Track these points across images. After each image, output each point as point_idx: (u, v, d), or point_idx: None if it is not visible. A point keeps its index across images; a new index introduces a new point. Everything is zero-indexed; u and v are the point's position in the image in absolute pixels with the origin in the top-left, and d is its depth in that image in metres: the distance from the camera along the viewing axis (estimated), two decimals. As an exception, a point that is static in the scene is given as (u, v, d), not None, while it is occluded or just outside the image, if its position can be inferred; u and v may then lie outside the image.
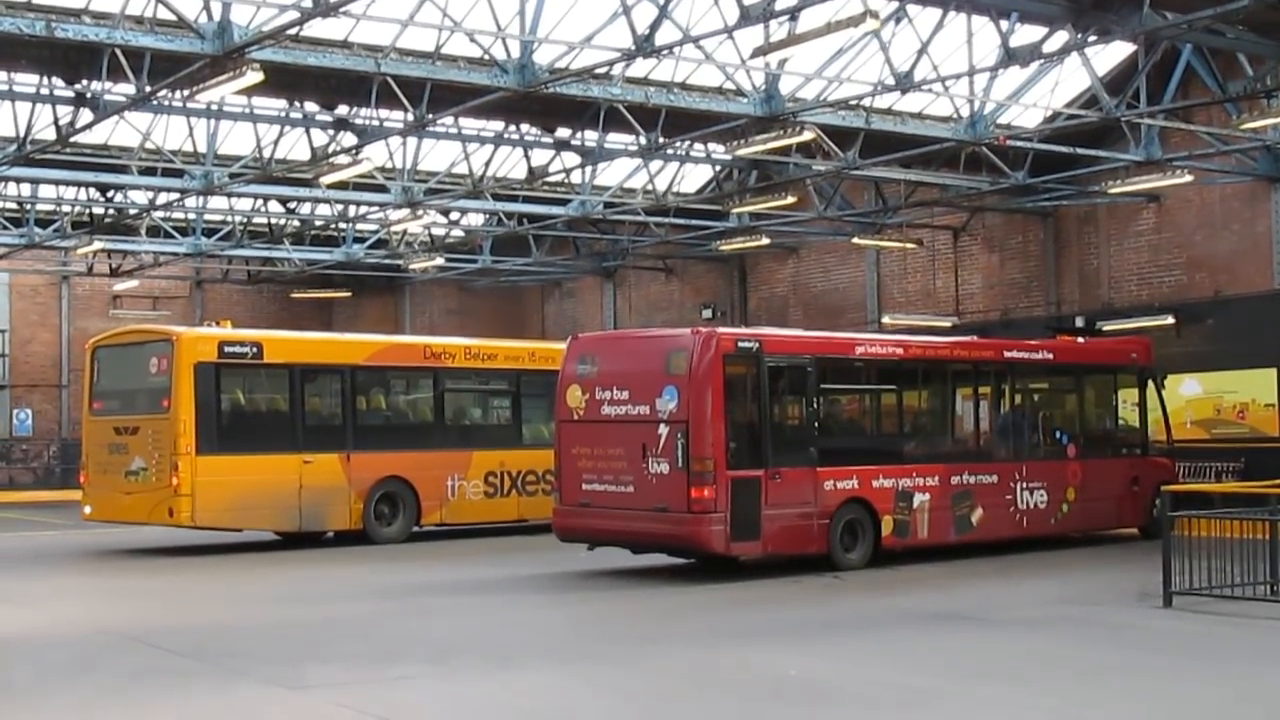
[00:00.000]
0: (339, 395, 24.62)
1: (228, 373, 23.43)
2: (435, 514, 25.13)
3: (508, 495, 25.95)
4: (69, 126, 22.76)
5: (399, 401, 26.48)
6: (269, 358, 23.84)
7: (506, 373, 26.66)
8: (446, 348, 26.30)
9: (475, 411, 27.32)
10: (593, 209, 32.33)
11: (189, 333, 23.97)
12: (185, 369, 22.64)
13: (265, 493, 23.06)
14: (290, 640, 14.06)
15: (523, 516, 26.05)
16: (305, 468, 23.46)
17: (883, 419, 22.05)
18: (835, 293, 36.80)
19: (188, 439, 22.40)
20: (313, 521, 23.75)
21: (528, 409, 26.93)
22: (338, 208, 34.45)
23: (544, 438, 26.37)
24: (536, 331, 44.33)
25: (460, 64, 21.49)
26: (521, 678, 11.92)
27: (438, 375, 25.68)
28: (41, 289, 45.64)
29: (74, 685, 11.51)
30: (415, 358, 25.84)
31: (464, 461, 25.44)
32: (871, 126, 24.95)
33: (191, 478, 22.33)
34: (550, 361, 26.41)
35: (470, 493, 25.47)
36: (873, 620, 15.38)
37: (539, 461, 25.57)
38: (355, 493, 23.97)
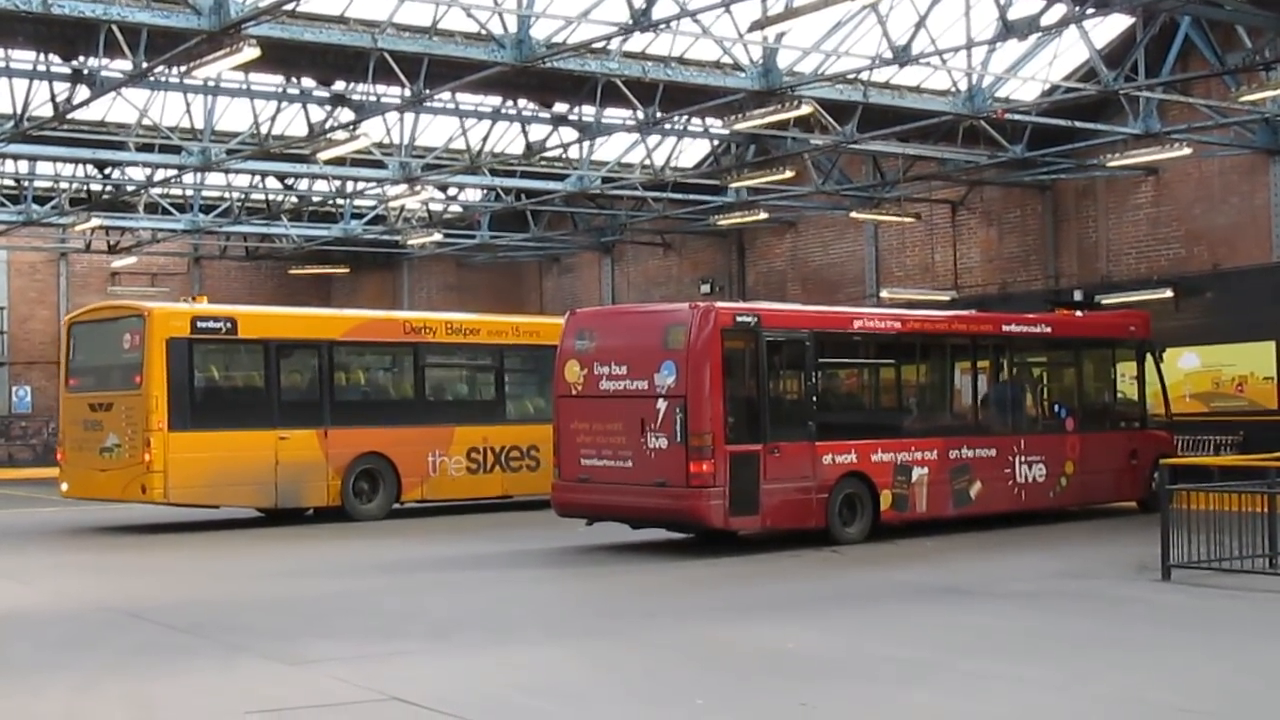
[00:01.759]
0: (316, 371, 24.40)
1: (201, 348, 23.27)
2: (416, 490, 25.01)
3: (491, 471, 25.80)
4: (66, 103, 22.71)
5: (378, 377, 26.41)
6: (244, 333, 23.71)
7: (490, 348, 26.48)
8: (427, 322, 26.21)
9: (457, 387, 27.17)
10: (591, 184, 32.29)
11: (161, 308, 23.77)
12: (157, 344, 22.46)
13: (240, 469, 22.90)
14: (289, 615, 14.09)
15: (507, 493, 26.02)
16: (281, 444, 23.32)
17: (881, 393, 22.09)
18: (833, 267, 36.78)
19: (159, 415, 22.24)
20: (289, 498, 23.62)
21: (512, 384, 26.91)
22: (335, 184, 34.42)
23: (529, 413, 26.49)
24: (535, 307, 44.33)
25: (457, 39, 21.45)
26: (521, 652, 11.96)
27: (418, 350, 25.50)
28: (40, 266, 45.61)
29: (75, 661, 11.54)
30: (394, 333, 25.69)
31: (446, 437, 25.27)
32: (869, 100, 24.92)
33: (164, 454, 22.17)
34: (534, 336, 26.61)
35: (452, 469, 25.32)
36: (871, 594, 15.42)
37: (523, 437, 25.74)
38: (333, 469, 23.84)
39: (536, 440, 25.45)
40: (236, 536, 22.38)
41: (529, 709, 9.79)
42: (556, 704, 9.94)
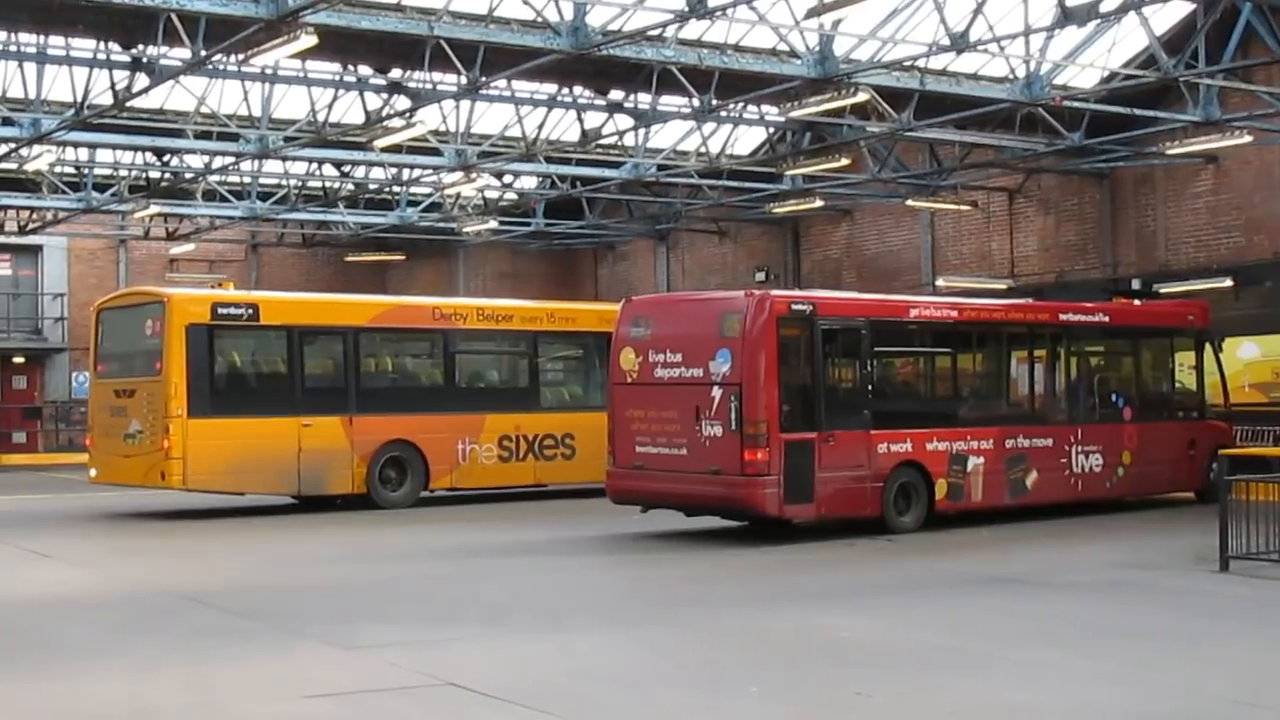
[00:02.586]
0: (340, 357, 24.28)
1: (222, 334, 23.22)
2: (445, 479, 24.78)
3: (523, 460, 25.53)
4: (125, 91, 22.85)
5: (406, 363, 26.25)
6: (266, 319, 23.62)
7: (523, 334, 26.14)
8: (457, 309, 26.01)
9: (488, 374, 27.00)
10: (646, 172, 32.25)
11: (181, 294, 23.80)
12: (177, 331, 22.43)
13: (262, 456, 22.83)
14: (344, 600, 14.18)
15: (540, 481, 25.79)
16: (304, 431, 23.20)
17: (937, 382, 21.99)
18: (889, 255, 36.65)
19: (179, 402, 22.23)
20: (312, 485, 23.51)
21: (547, 371, 26.68)
22: (392, 171, 34.51)
23: (565, 400, 26.42)
24: (590, 294, 44.35)
25: (513, 26, 21.48)
26: (575, 639, 11.99)
27: (448, 337, 25.25)
28: (99, 253, 45.93)
29: (134, 644, 11.65)
30: (423, 319, 25.46)
31: (476, 425, 25.02)
32: (926, 88, 24.80)
33: (183, 441, 22.16)
34: (570, 322, 26.53)
35: (483, 457, 25.09)
36: (926, 583, 15.38)
37: (558, 425, 25.59)
38: (358, 456, 23.68)
39: (572, 428, 25.51)
40: (279, 523, 22.45)
41: (584, 695, 9.81)
42: (611, 690, 9.97)
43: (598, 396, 26.03)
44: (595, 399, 26.07)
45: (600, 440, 24.48)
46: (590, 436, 25.01)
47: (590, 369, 27.10)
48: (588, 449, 25.09)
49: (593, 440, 24.85)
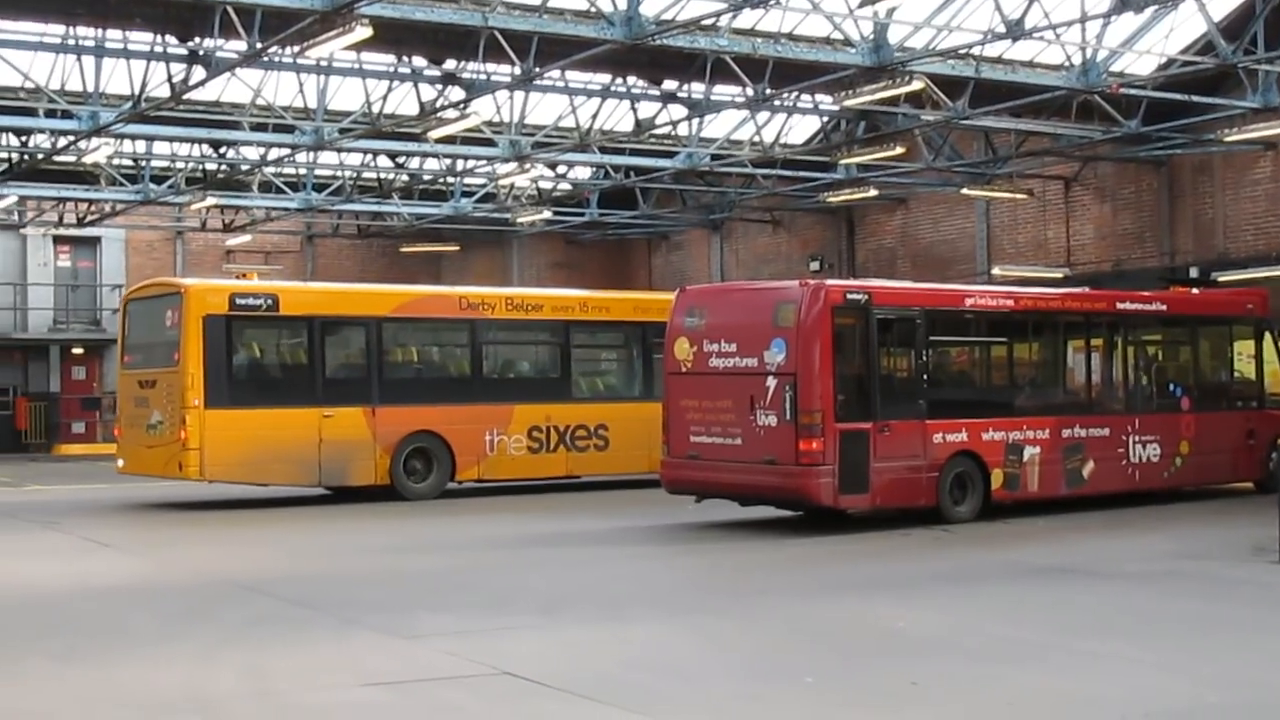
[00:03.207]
0: (363, 348, 24.09)
1: (240, 325, 23.11)
2: (472, 470, 24.53)
3: (555, 451, 25.19)
4: (182, 84, 23.03)
5: (431, 354, 25.99)
6: (286, 310, 23.43)
7: (554, 324, 25.79)
8: (485, 298, 25.52)
9: (518, 364, 26.68)
10: (700, 161, 32.25)
11: (198, 285, 23.78)
12: (194, 322, 22.35)
13: (280, 447, 22.71)
14: (399, 590, 14.24)
15: (572, 473, 25.53)
16: (325, 422, 23.04)
17: (993, 371, 21.88)
18: (944, 244, 36.49)
19: (195, 393, 22.15)
20: (333, 476, 23.38)
21: (579, 361, 26.34)
22: (446, 162, 34.62)
23: (598, 391, 26.22)
24: (644, 284, 44.34)
25: (567, 17, 21.51)
26: (629, 628, 12.01)
27: (475, 326, 24.91)
28: (157, 245, 46.27)
29: (192, 632, 11.73)
30: (449, 309, 25.15)
31: (504, 415, 24.73)
32: (981, 75, 24.69)
33: (200, 432, 22.09)
34: (604, 312, 26.31)
35: (511, 448, 24.76)
36: (982, 573, 15.32)
37: (591, 416, 25.34)
38: (381, 448, 23.48)
39: (605, 419, 25.35)
40: (320, 513, 22.46)
41: (638, 685, 9.82)
42: (666, 680, 9.97)
43: (633, 386, 26.24)
44: (630, 389, 26.23)
45: (635, 431, 24.73)
46: (625, 427, 25.19)
47: (625, 359, 26.99)
48: (622, 440, 25.14)
49: (627, 431, 25.15)
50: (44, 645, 11.25)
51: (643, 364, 26.19)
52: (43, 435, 42.77)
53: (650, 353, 25.62)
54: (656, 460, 24.67)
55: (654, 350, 25.47)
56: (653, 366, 25.57)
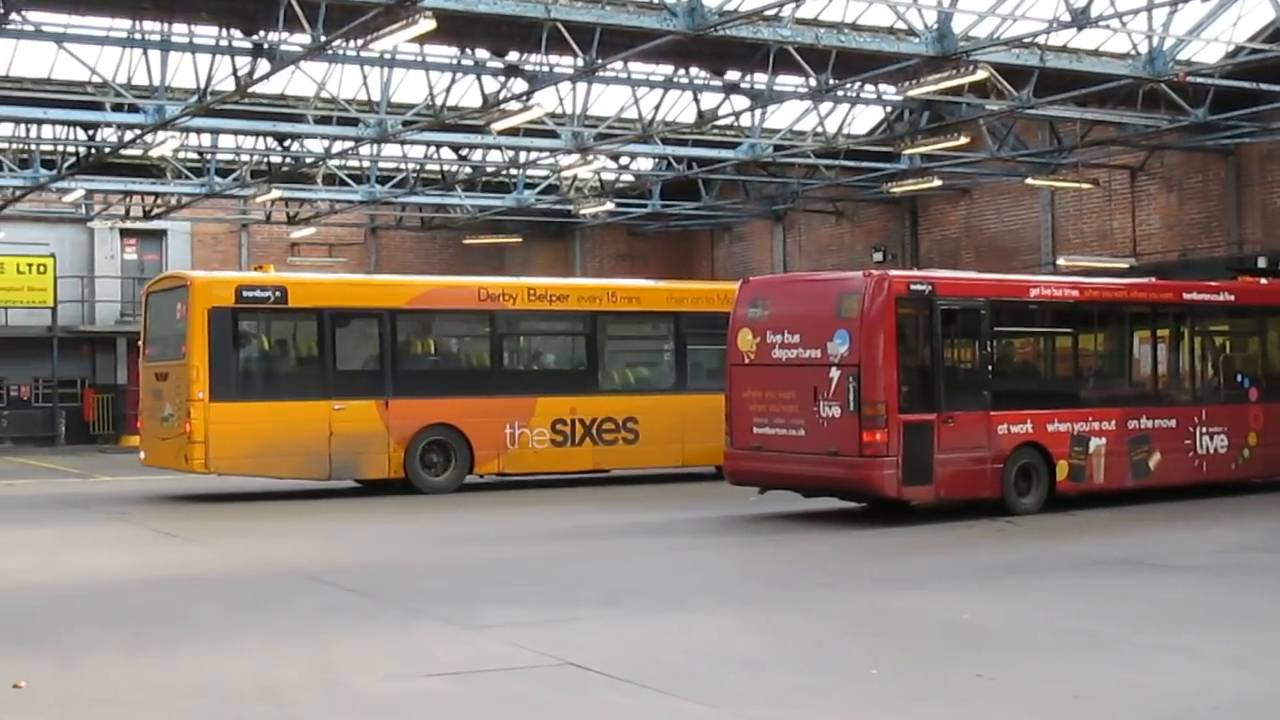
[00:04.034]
0: (376, 340, 23.91)
1: (247, 318, 23.12)
2: (492, 463, 24.19)
3: (580, 444, 24.76)
4: (247, 77, 23.17)
5: (448, 346, 25.85)
6: (295, 302, 23.28)
7: (580, 314, 25.36)
8: (506, 289, 25.07)
9: (541, 355, 26.34)
10: (762, 152, 32.19)
11: (204, 277, 23.89)
12: (199, 314, 22.34)
13: (289, 440, 22.62)
14: (463, 580, 14.29)
15: (599, 466, 25.12)
16: (336, 414, 22.91)
17: (1058, 362, 21.72)
18: (1009, 234, 36.28)
19: (200, 385, 22.14)
20: (345, 470, 23.27)
21: (606, 352, 25.88)
22: (509, 154, 34.71)
23: (628, 382, 25.90)
24: (706, 275, 44.34)
25: (629, 8, 21.50)
26: (693, 619, 12.01)
27: (495, 318, 24.54)
28: (222, 237, 46.60)
29: (260, 622, 11.83)
30: (468, 300, 24.80)
31: (526, 408, 24.37)
32: (1046, 65, 24.51)
33: (205, 425, 22.06)
34: (633, 302, 25.92)
35: (534, 441, 24.38)
36: (1047, 565, 15.24)
37: (619, 408, 24.97)
38: (395, 440, 23.30)
39: (635, 411, 25.00)
40: (375, 505, 22.37)
41: (702, 675, 9.83)
42: (730, 671, 9.97)
43: (665, 378, 25.89)
44: (662, 381, 25.90)
45: (667, 424, 24.62)
46: (655, 420, 24.86)
47: (656, 350, 26.60)
48: (652, 433, 24.84)
49: (657, 424, 24.85)
50: (113, 634, 11.38)
51: (675, 355, 25.85)
52: (110, 427, 43.17)
53: (684, 344, 25.52)
54: (690, 454, 24.89)
55: (688, 341, 25.53)
56: (686, 358, 25.55)
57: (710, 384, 25.47)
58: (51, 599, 13.27)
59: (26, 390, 43.46)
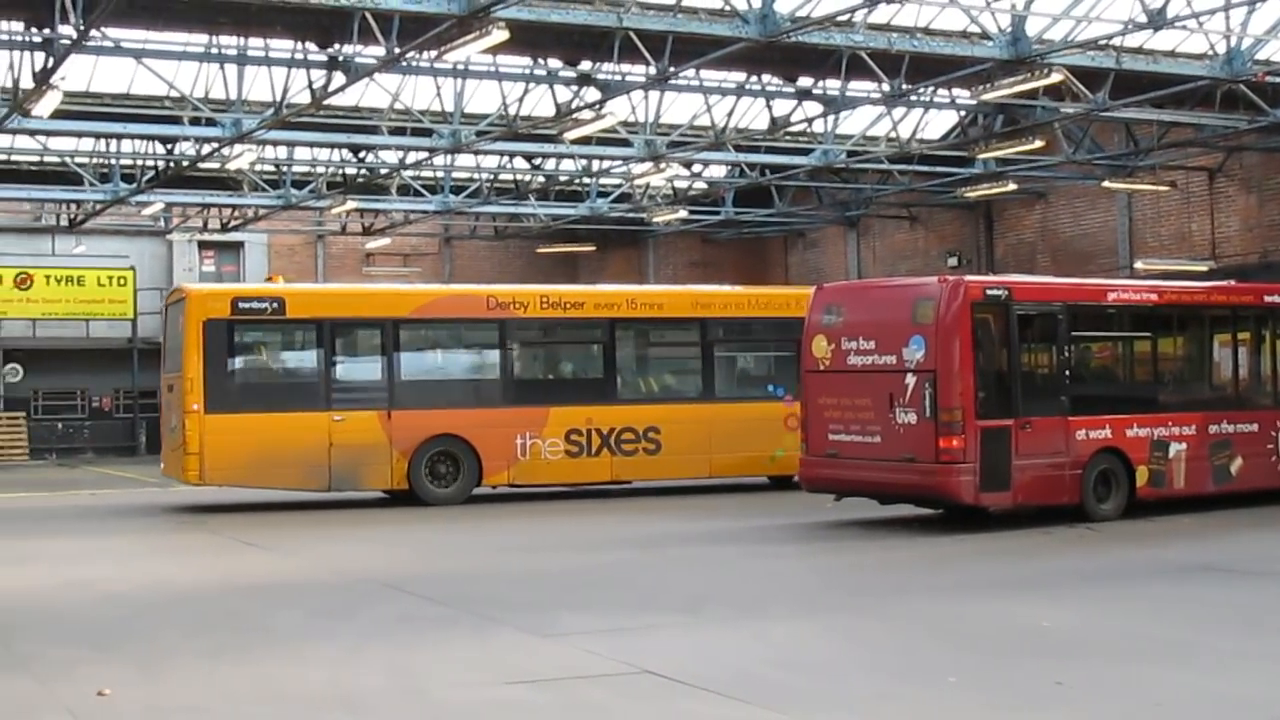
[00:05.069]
0: (378, 350, 23.72)
1: (243, 329, 23.06)
2: (501, 474, 23.78)
3: (597, 455, 24.15)
4: (322, 90, 23.33)
5: (455, 356, 25.57)
6: (293, 313, 23.23)
7: (597, 322, 24.73)
8: (517, 297, 24.57)
9: (555, 365, 25.72)
10: (835, 158, 32.11)
11: (199, 290, 23.91)
12: (194, 326, 22.34)
13: (286, 451, 22.50)
14: (539, 588, 14.34)
15: (618, 478, 24.53)
16: (335, 426, 22.75)
17: (1136, 367, 21.54)
18: (1085, 238, 35.99)
19: (195, 397, 22.12)
20: (345, 481, 23.01)
21: (626, 360, 25.43)
22: (581, 163, 34.77)
23: (650, 391, 25.38)
24: (780, 282, 44.24)
25: (701, 16, 21.49)
26: (771, 627, 11.99)
27: (504, 326, 24.08)
28: (298, 248, 47.01)
29: (338, 630, 11.90)
30: (476, 309, 24.40)
31: (538, 418, 23.87)
32: (1122, 66, 24.30)
33: (199, 436, 22.05)
34: (656, 309, 25.45)
35: (546, 452, 23.88)
36: (1127, 572, 15.11)
37: (639, 418, 24.40)
38: (398, 452, 23.07)
39: (656, 421, 24.36)
40: (448, 514, 22.32)
41: (780, 684, 9.81)
42: (808, 679, 9.95)
43: (690, 387, 25.37)
44: (687, 390, 25.40)
45: (692, 434, 24.24)
46: (680, 430, 24.35)
47: (681, 358, 26.14)
48: (676, 443, 24.31)
49: (682, 434, 24.35)
50: (194, 642, 11.49)
51: (703, 363, 25.22)
52: (190, 437, 43.49)
53: (711, 351, 25.13)
54: (717, 465, 24.60)
55: (715, 348, 25.17)
56: (714, 365, 25.14)
57: (740, 392, 25.53)
58: (133, 607, 13.42)
59: (108, 401, 43.98)
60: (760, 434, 24.50)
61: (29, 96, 22.25)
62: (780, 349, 25.58)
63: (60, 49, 21.00)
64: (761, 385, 25.92)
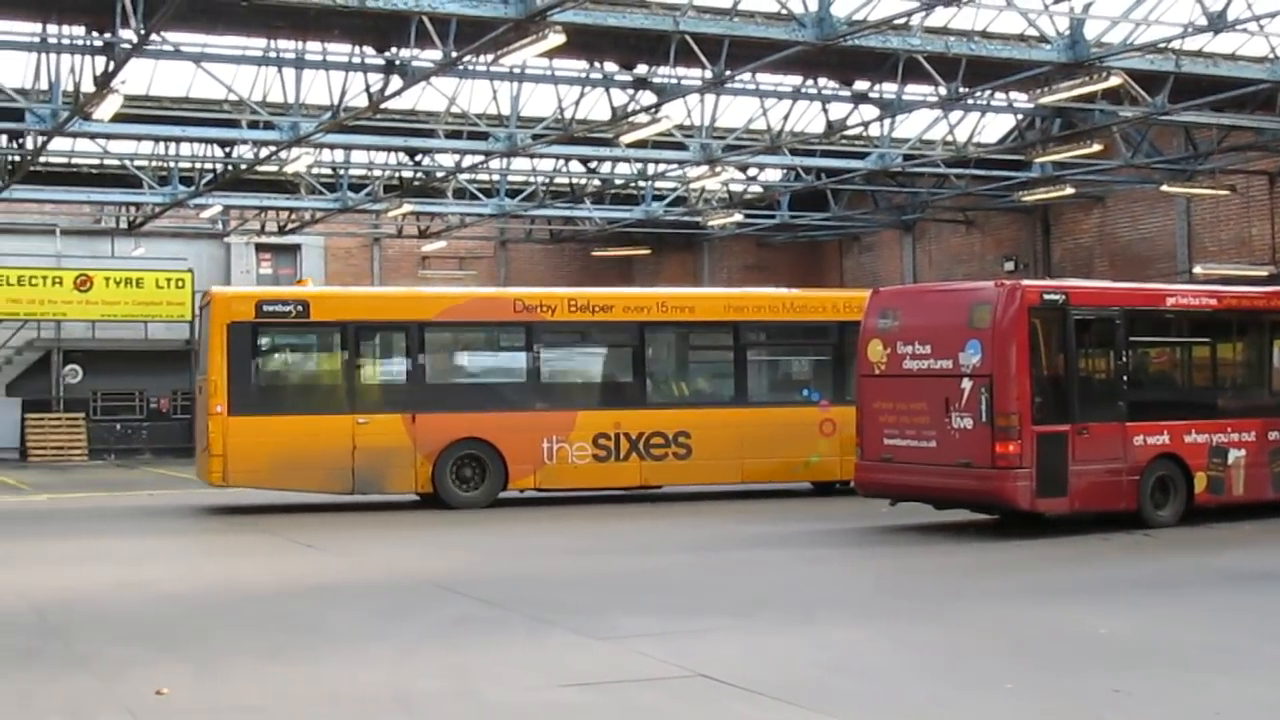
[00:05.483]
0: (402, 353, 23.72)
1: (267, 332, 23.20)
2: (528, 479, 23.57)
3: (626, 459, 23.84)
4: (379, 93, 23.47)
5: (480, 359, 25.52)
6: (317, 316, 23.18)
7: (626, 325, 24.41)
8: (544, 299, 24.38)
9: (580, 368, 25.59)
10: (891, 162, 32.02)
11: (223, 292, 23.92)
12: (218, 329, 22.42)
13: (309, 454, 22.51)
14: (593, 591, 14.34)
15: (647, 483, 24.17)
16: (359, 428, 22.73)
17: (1195, 372, 21.36)
18: (1143, 242, 35.75)
19: (218, 399, 22.22)
20: (369, 484, 23.06)
21: (656, 364, 25.26)
22: (637, 166, 34.83)
23: (679, 396, 25.11)
24: (835, 286, 44.13)
25: (758, 19, 21.49)
26: (825, 632, 11.95)
27: (531, 330, 23.89)
28: (355, 251, 47.22)
29: (393, 631, 11.95)
30: (503, 312, 24.24)
31: (565, 422, 23.68)
32: (1182, 70, 24.15)
33: (223, 438, 22.14)
34: (686, 312, 25.09)
35: (574, 456, 23.66)
36: (1185, 579, 15.00)
37: (669, 422, 24.07)
38: (422, 455, 22.95)
39: (686, 426, 24.06)
40: (503, 516, 22.39)
41: (835, 689, 9.78)
42: (863, 684, 9.91)
43: (722, 391, 25.09)
44: (719, 394, 25.11)
45: (723, 439, 23.93)
46: (711, 435, 24.03)
47: (711, 361, 25.87)
48: (707, 449, 23.96)
49: (714, 439, 24.03)
50: (251, 642, 11.56)
51: (735, 366, 24.89)
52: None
53: (744, 355, 24.86)
54: (750, 470, 24.23)
55: (748, 352, 24.94)
56: (746, 369, 24.86)
57: (773, 396, 25.24)
58: (190, 607, 13.52)
59: (165, 403, 44.29)
60: (794, 439, 24.27)
61: (90, 100, 22.46)
62: (816, 353, 25.61)
63: (121, 53, 21.20)
64: (796, 389, 25.65)
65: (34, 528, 21.63)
